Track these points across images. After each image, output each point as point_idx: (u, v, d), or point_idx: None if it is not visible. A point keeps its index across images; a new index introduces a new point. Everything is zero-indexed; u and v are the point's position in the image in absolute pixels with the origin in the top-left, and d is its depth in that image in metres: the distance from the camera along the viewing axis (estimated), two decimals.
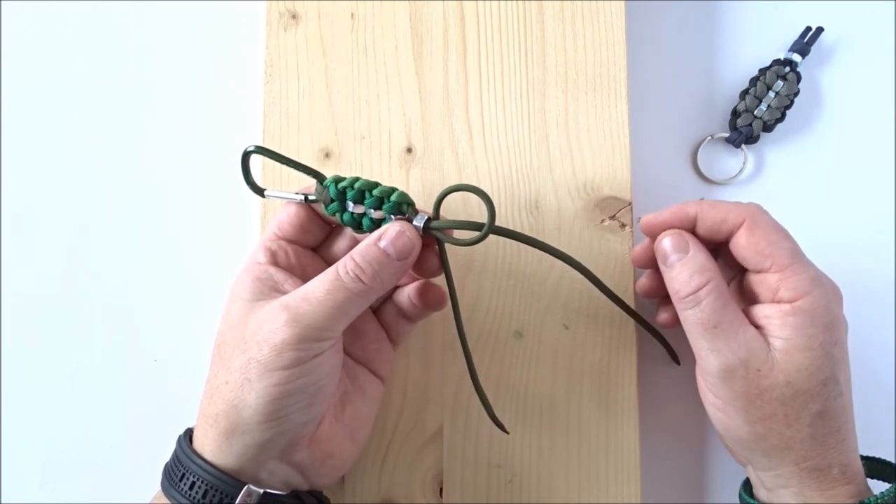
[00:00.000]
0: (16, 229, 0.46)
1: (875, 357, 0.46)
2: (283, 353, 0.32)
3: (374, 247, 0.34)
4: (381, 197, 0.35)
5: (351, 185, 0.35)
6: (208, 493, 0.33)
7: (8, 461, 0.44)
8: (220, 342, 0.35)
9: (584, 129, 0.43)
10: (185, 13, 0.48)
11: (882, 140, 0.48)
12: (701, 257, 0.36)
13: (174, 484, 0.34)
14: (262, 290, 0.35)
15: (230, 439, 0.33)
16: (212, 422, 0.34)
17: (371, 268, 0.34)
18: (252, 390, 0.32)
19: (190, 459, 0.34)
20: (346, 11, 0.44)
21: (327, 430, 0.35)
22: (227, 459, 0.33)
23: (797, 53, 0.47)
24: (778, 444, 0.34)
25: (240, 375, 0.33)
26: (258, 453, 0.33)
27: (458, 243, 0.36)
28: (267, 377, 0.32)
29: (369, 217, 0.36)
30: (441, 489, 0.41)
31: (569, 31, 0.44)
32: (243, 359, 0.33)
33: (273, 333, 0.32)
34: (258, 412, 0.32)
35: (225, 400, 0.33)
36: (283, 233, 0.37)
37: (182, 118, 0.47)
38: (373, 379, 0.39)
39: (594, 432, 0.41)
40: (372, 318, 0.39)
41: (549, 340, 0.42)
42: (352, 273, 0.34)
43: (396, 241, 0.34)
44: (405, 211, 0.35)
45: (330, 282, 0.33)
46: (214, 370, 0.35)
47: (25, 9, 0.48)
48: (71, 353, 0.45)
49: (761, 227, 0.36)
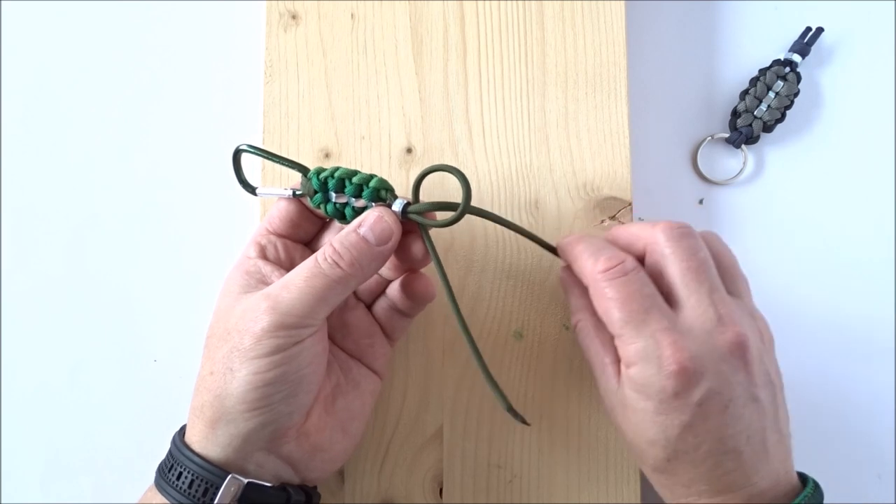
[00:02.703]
0: (16, 229, 0.46)
1: (875, 357, 0.46)
2: (262, 341, 0.32)
3: (353, 233, 0.35)
4: (360, 184, 0.35)
5: (331, 174, 0.36)
6: (194, 483, 0.33)
7: (8, 461, 0.44)
8: (208, 335, 0.35)
9: (584, 130, 0.43)
10: (186, 13, 0.48)
11: (882, 140, 0.48)
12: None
13: (164, 476, 0.34)
14: (250, 283, 0.35)
15: (215, 429, 0.33)
16: (198, 413, 0.34)
17: (349, 254, 0.34)
18: (234, 379, 0.33)
19: (179, 451, 0.34)
20: (346, 11, 0.44)
21: (316, 422, 0.35)
22: (214, 450, 0.33)
23: (797, 54, 0.47)
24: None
25: (223, 365, 0.33)
26: (243, 444, 0.33)
27: (437, 225, 0.36)
28: (247, 365, 0.32)
29: (351, 206, 0.36)
30: (441, 489, 0.41)
31: (569, 31, 0.44)
32: (226, 349, 0.33)
33: (253, 322, 0.33)
34: (240, 400, 0.32)
35: (209, 390, 0.33)
36: (274, 228, 0.38)
37: (182, 118, 0.47)
38: (367, 373, 0.39)
39: (594, 432, 0.41)
40: (365, 312, 0.39)
41: (549, 340, 0.42)
42: (329, 259, 0.34)
43: (375, 227, 0.35)
44: (384, 197, 0.36)
45: (308, 269, 0.34)
46: (202, 362, 0.35)
47: (25, 9, 0.48)
48: (71, 353, 0.45)
49: (602, 293, 0.34)
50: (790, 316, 0.47)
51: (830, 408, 0.46)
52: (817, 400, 0.46)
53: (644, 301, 0.33)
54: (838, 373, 0.46)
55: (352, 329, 0.38)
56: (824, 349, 0.46)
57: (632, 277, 0.33)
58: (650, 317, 0.33)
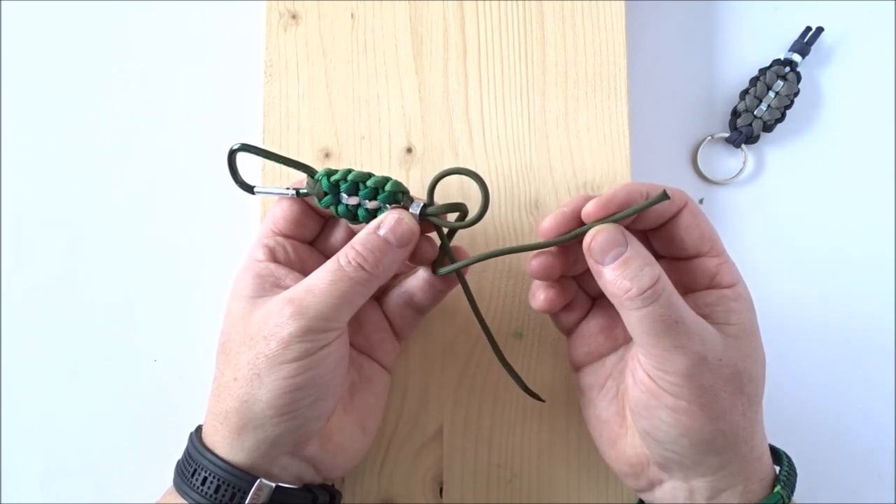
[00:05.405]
0: (15, 229, 0.46)
1: (875, 357, 0.46)
2: (290, 346, 0.32)
3: (373, 235, 0.34)
4: (375, 188, 0.35)
5: (344, 177, 0.36)
6: (220, 488, 0.33)
7: (8, 461, 0.44)
8: (224, 340, 0.35)
9: (584, 129, 0.43)
10: (186, 13, 0.48)
11: (882, 140, 0.48)
12: (644, 249, 0.33)
13: (186, 480, 0.34)
14: (264, 286, 0.35)
15: (242, 435, 0.33)
16: (222, 419, 0.34)
17: (373, 255, 0.34)
18: (262, 385, 0.32)
19: (202, 455, 0.34)
20: (346, 11, 0.44)
21: (337, 421, 0.35)
22: (240, 455, 0.33)
23: (797, 53, 0.47)
24: (732, 439, 0.33)
25: (248, 371, 0.33)
26: (270, 448, 0.33)
27: (456, 227, 0.36)
28: (276, 370, 0.32)
29: (364, 208, 0.36)
30: (441, 489, 0.41)
31: (569, 31, 0.44)
32: (251, 354, 0.33)
33: (279, 327, 0.32)
34: (270, 406, 0.32)
35: (235, 396, 0.33)
36: (279, 228, 0.37)
37: (182, 118, 0.47)
38: (378, 369, 0.39)
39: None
40: (376, 308, 0.39)
41: (549, 340, 0.42)
42: (354, 262, 0.34)
43: (396, 229, 0.34)
44: (400, 199, 0.36)
45: (333, 272, 0.34)
46: (221, 368, 0.35)
47: (25, 9, 0.48)
48: (70, 352, 0.45)
49: (699, 211, 0.35)
50: (790, 315, 0.47)
51: (830, 407, 0.46)
52: (817, 400, 0.46)
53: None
54: (838, 372, 0.46)
55: (363, 325, 0.38)
56: (824, 349, 0.46)
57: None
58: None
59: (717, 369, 0.32)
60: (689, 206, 0.35)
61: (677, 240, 0.35)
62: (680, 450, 0.33)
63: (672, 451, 0.33)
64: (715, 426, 0.32)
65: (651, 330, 0.32)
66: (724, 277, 0.34)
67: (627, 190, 0.34)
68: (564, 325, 0.39)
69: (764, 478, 0.34)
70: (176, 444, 0.36)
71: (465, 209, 0.36)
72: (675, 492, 0.35)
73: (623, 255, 0.32)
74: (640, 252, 0.33)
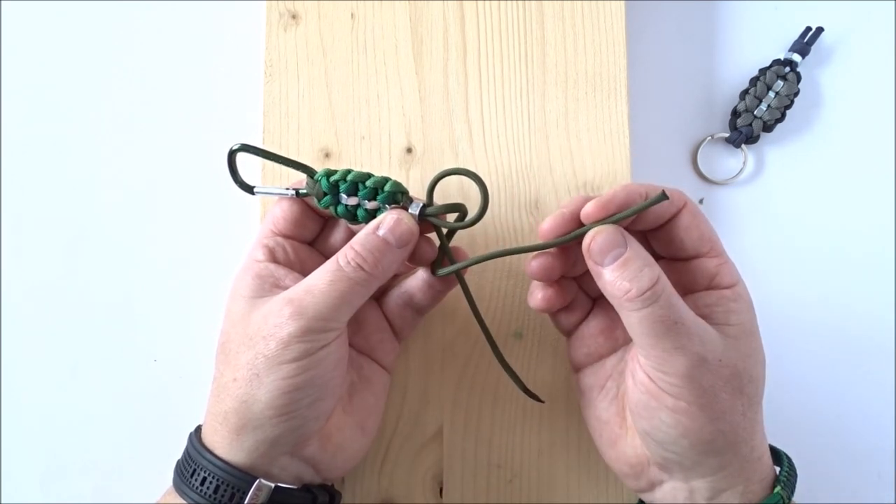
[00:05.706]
0: (15, 229, 0.46)
1: (875, 357, 0.46)
2: (290, 346, 0.32)
3: (373, 235, 0.34)
4: (375, 188, 0.35)
5: (343, 177, 0.36)
6: (220, 489, 0.33)
7: (8, 461, 0.44)
8: (223, 341, 0.35)
9: (584, 129, 0.43)
10: (186, 13, 0.48)
11: (882, 140, 0.48)
12: (643, 249, 0.33)
13: (186, 480, 0.34)
14: (263, 286, 0.35)
15: (241, 436, 0.33)
16: (221, 419, 0.34)
17: (372, 256, 0.34)
18: (261, 385, 0.32)
19: (201, 456, 0.34)
20: (346, 11, 0.44)
21: (336, 422, 0.35)
22: (239, 455, 0.33)
23: (797, 53, 0.47)
24: (732, 439, 0.33)
25: (247, 371, 0.33)
26: (270, 449, 0.33)
27: (456, 227, 0.36)
28: (275, 371, 0.32)
29: (364, 208, 0.36)
30: (441, 489, 0.41)
31: (569, 31, 0.44)
32: (250, 354, 0.33)
33: (278, 327, 0.32)
34: (269, 406, 0.32)
35: (234, 397, 0.33)
36: (279, 229, 0.37)
37: (182, 118, 0.47)
38: (377, 369, 0.39)
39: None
40: (375, 308, 0.39)
41: (549, 340, 0.42)
42: (353, 262, 0.34)
43: (395, 229, 0.35)
44: (400, 199, 0.36)
45: (332, 272, 0.34)
46: (220, 369, 0.35)
47: (25, 9, 0.48)
48: (70, 352, 0.45)
49: (698, 211, 0.35)
50: (790, 315, 0.47)
51: (830, 407, 0.46)
52: (817, 400, 0.46)
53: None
54: (838, 372, 0.46)
55: (363, 325, 0.38)
56: (824, 349, 0.46)
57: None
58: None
59: (716, 370, 0.32)
60: (688, 206, 0.35)
61: (677, 240, 0.35)
62: (680, 450, 0.33)
63: (672, 452, 0.33)
64: (715, 427, 0.32)
65: (651, 331, 0.32)
66: (723, 278, 0.34)
67: (627, 191, 0.34)
68: (564, 326, 0.39)
69: (764, 478, 0.34)
70: (176, 444, 0.36)
71: (464, 209, 0.36)
72: (676, 492, 0.35)
73: (622, 256, 0.33)
74: (639, 253, 0.33)
